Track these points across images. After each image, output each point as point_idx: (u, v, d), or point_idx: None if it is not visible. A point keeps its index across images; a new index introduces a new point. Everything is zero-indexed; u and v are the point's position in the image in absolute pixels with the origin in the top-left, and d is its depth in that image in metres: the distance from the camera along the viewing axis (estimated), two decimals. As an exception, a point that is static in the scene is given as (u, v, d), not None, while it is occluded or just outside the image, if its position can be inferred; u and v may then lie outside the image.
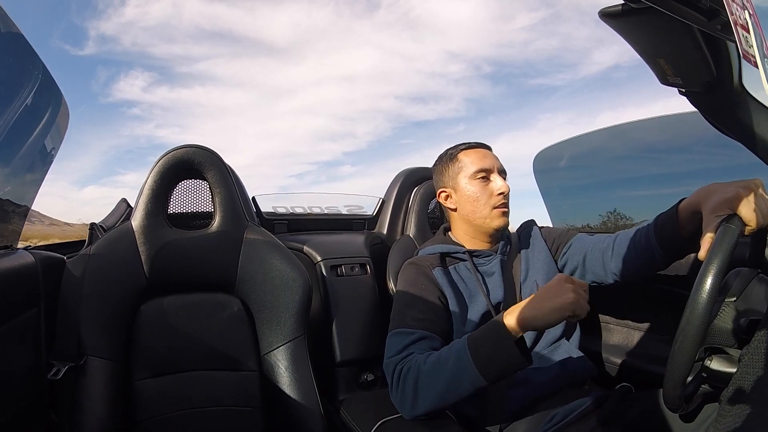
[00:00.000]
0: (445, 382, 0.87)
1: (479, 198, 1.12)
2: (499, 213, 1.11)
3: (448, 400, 0.88)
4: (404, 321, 1.01)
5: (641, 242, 1.00)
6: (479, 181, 1.13)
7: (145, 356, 1.07)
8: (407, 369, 0.92)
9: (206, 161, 1.16)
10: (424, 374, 0.89)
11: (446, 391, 0.87)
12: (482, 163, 1.13)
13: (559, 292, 0.81)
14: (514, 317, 0.83)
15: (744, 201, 0.72)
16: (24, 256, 0.97)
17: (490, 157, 1.15)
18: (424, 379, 0.89)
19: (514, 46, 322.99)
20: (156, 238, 1.13)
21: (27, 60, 1.01)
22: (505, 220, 1.12)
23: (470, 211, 1.14)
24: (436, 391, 0.88)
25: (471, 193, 1.13)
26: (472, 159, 1.15)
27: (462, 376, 0.85)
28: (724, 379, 0.65)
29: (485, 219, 1.12)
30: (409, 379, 0.91)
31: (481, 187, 1.12)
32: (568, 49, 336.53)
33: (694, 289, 0.61)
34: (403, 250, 1.32)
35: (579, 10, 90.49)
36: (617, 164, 2.21)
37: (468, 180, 1.14)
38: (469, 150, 1.17)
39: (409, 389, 0.90)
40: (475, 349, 0.85)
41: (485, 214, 1.12)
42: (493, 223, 1.12)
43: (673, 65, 0.67)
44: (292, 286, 1.13)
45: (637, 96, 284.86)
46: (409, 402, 0.91)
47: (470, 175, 1.14)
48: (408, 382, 0.91)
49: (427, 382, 0.89)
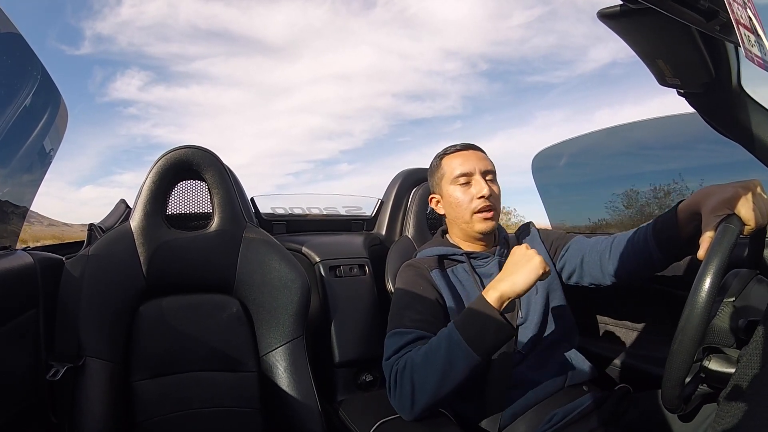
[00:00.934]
0: (440, 367, 0.87)
1: (460, 203, 1.12)
2: (481, 218, 1.10)
3: (446, 387, 0.88)
4: (402, 322, 1.01)
5: (639, 244, 0.99)
6: (460, 186, 1.12)
7: (144, 357, 1.07)
8: (402, 366, 0.93)
9: (205, 162, 1.16)
10: (419, 366, 0.90)
11: (443, 377, 0.87)
12: (462, 168, 1.13)
13: (525, 258, 0.91)
14: (493, 291, 0.89)
15: (743, 201, 0.72)
16: (23, 257, 0.97)
17: (472, 160, 1.14)
18: (419, 370, 0.89)
19: (510, 44, 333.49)
20: (155, 238, 1.13)
21: (26, 61, 1.01)
22: (488, 224, 1.11)
23: (455, 216, 1.14)
24: (433, 379, 0.88)
25: (453, 199, 1.13)
26: (453, 164, 1.14)
27: (455, 358, 0.87)
28: (723, 380, 0.65)
29: (468, 223, 1.12)
30: (405, 374, 0.91)
31: (462, 191, 1.12)
32: (565, 46, 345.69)
33: (694, 288, 0.61)
34: (402, 251, 1.32)
35: (575, 7, 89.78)
36: (615, 163, 2.21)
37: (450, 186, 1.14)
38: (452, 154, 1.16)
39: (407, 384, 0.90)
40: (463, 328, 0.89)
41: (467, 218, 1.12)
42: (476, 228, 1.11)
43: (672, 66, 0.67)
44: (291, 287, 1.13)
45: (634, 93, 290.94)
46: (408, 398, 0.90)
47: (451, 180, 1.14)
48: (405, 378, 0.91)
49: (422, 372, 0.89)
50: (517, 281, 0.89)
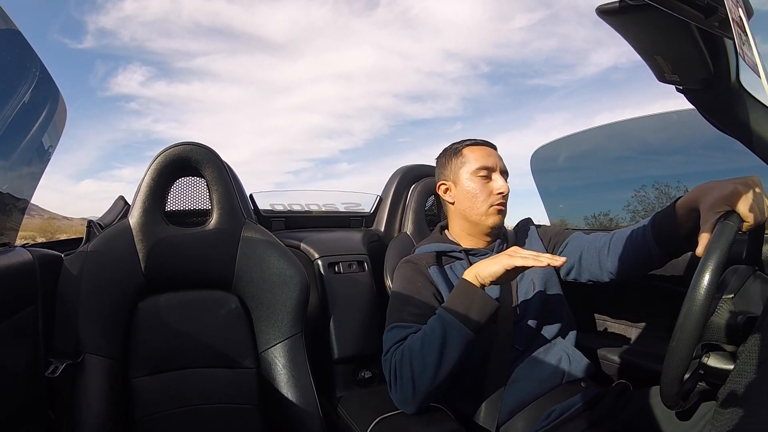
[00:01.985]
0: (437, 348, 0.90)
1: (478, 195, 1.13)
2: (495, 211, 1.12)
3: (444, 367, 0.90)
4: (400, 317, 1.01)
5: (638, 240, 1.00)
6: (480, 179, 1.13)
7: (143, 354, 1.07)
8: (399, 356, 0.95)
9: (204, 159, 1.16)
10: (417, 352, 0.92)
11: (440, 357, 0.90)
12: (485, 161, 1.14)
13: (501, 254, 0.94)
14: (469, 272, 0.97)
15: (742, 198, 0.72)
16: (21, 253, 0.97)
17: (494, 156, 1.16)
18: (417, 356, 0.91)
19: (511, 46, 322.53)
20: (153, 235, 1.13)
21: (24, 57, 1.01)
22: (500, 218, 1.14)
23: (467, 206, 1.14)
24: (431, 361, 0.90)
25: (470, 189, 1.14)
26: (476, 155, 1.15)
27: (449, 336, 0.90)
28: (721, 376, 0.65)
29: (481, 216, 1.12)
30: (404, 363, 0.93)
31: (481, 184, 1.13)
32: (566, 50, 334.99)
33: (693, 284, 0.61)
34: (401, 248, 1.32)
35: (577, 11, 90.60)
36: (614, 163, 2.21)
37: (469, 176, 1.14)
38: (475, 146, 1.18)
39: (407, 372, 0.92)
40: (451, 307, 0.94)
41: (482, 211, 1.12)
42: (489, 221, 1.13)
43: (671, 62, 0.67)
44: (290, 284, 1.13)
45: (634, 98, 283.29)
46: (409, 386, 0.91)
47: (472, 171, 1.14)
48: (404, 366, 0.93)
49: (420, 358, 0.91)
50: (489, 264, 0.93)
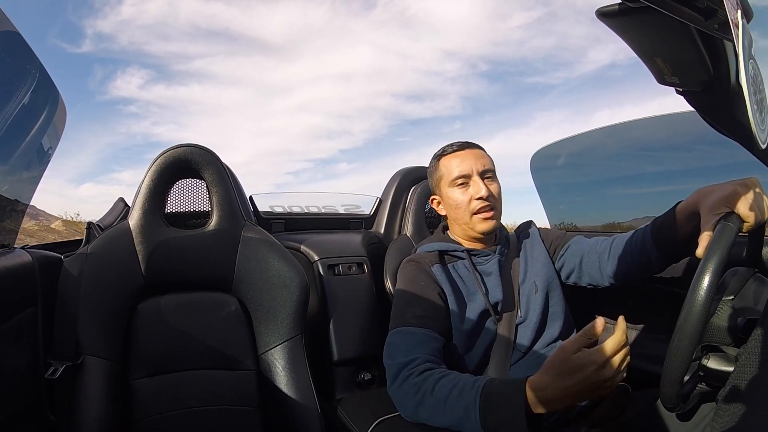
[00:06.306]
0: (448, 421, 0.82)
1: (459, 205, 1.11)
2: (480, 219, 1.09)
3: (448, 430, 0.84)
4: (406, 319, 1.00)
5: (638, 245, 0.99)
6: (459, 188, 1.11)
7: (142, 355, 1.07)
8: (415, 388, 0.88)
9: (203, 160, 1.16)
10: (431, 402, 0.85)
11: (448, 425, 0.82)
12: (459, 169, 1.11)
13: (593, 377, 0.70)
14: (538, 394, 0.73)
15: (741, 199, 0.72)
16: (21, 255, 0.97)
17: (469, 160, 1.12)
18: (428, 405, 0.85)
19: (509, 45, 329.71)
20: (153, 237, 1.13)
21: (24, 59, 1.00)
22: (489, 224, 1.10)
23: (456, 217, 1.14)
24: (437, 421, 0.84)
25: (452, 201, 1.13)
26: (450, 166, 1.13)
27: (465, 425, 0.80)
28: (721, 378, 0.65)
29: (468, 225, 1.11)
30: (416, 397, 0.87)
31: (461, 193, 1.11)
32: (564, 47, 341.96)
33: (693, 286, 0.61)
34: (400, 250, 1.32)
35: (575, 9, 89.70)
36: (614, 162, 2.21)
37: (449, 188, 1.13)
38: (449, 155, 1.15)
39: (411, 402, 0.87)
40: (487, 409, 0.78)
41: (466, 220, 1.11)
42: (478, 227, 1.10)
43: (671, 64, 0.67)
44: (290, 285, 1.13)
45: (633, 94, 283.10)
46: (410, 410, 0.88)
47: (450, 182, 1.13)
48: (413, 397, 0.87)
49: (430, 409, 0.85)
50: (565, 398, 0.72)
